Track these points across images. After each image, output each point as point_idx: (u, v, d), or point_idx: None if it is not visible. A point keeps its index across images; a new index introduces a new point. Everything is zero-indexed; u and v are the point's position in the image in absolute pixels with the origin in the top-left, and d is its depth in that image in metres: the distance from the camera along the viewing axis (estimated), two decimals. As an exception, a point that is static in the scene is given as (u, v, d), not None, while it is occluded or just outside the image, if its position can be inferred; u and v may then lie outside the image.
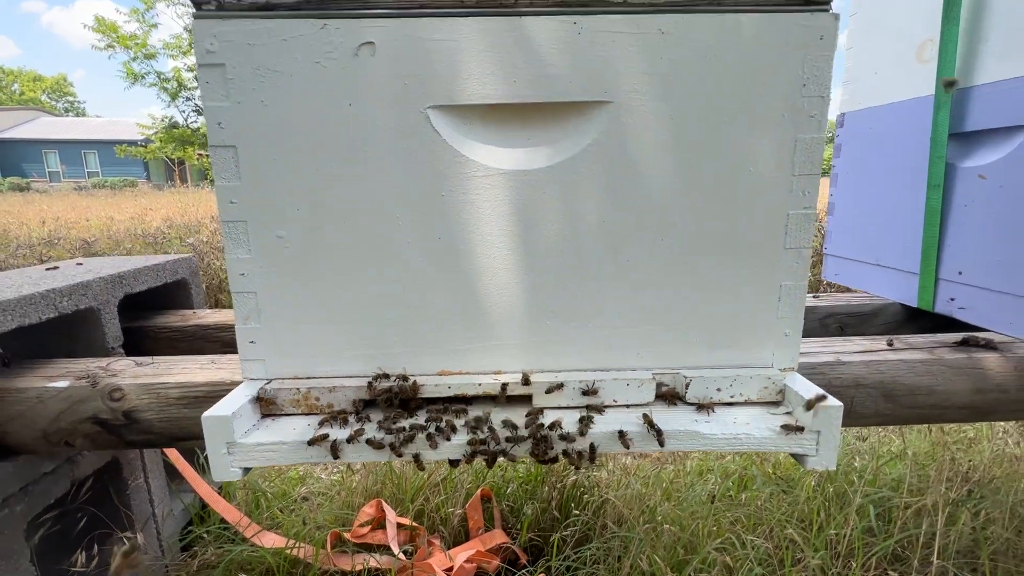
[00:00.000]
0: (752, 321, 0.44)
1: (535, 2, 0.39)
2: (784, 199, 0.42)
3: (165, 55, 10.01)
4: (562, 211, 0.42)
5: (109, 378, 0.64)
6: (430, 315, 0.44)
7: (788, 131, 0.41)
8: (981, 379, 0.64)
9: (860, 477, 0.96)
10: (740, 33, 0.39)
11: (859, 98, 1.00)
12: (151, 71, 9.81)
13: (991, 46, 0.73)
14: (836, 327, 0.91)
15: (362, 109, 0.40)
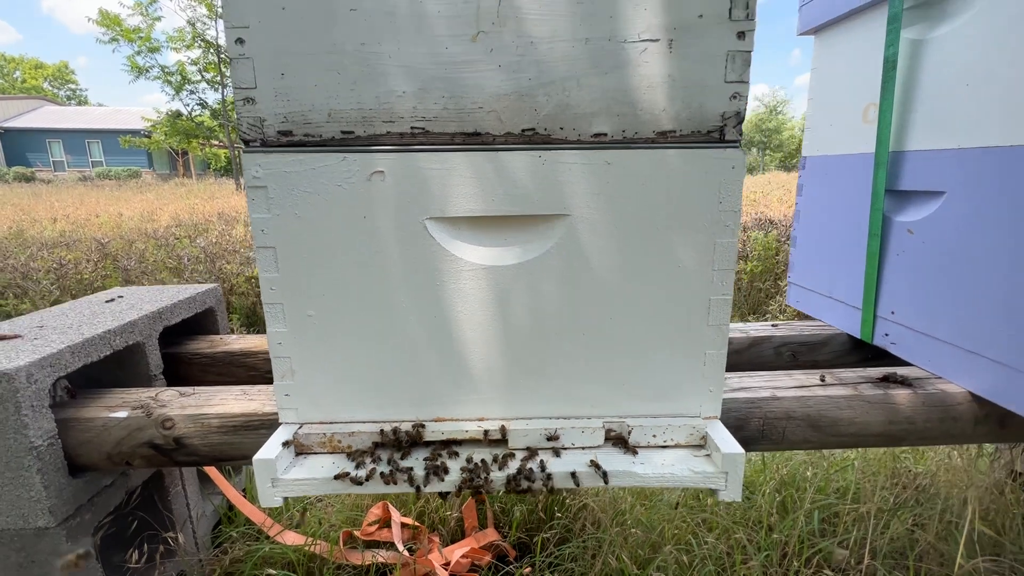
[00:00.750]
0: (682, 381, 0.56)
1: (509, 140, 0.50)
2: (707, 288, 0.53)
3: (168, 48, 10.05)
4: (531, 296, 0.53)
5: (160, 408, 0.76)
6: (428, 375, 0.55)
7: (709, 236, 0.52)
8: (893, 412, 0.76)
9: (811, 485, 1.08)
10: (669, 164, 0.49)
11: (817, 145, 1.10)
12: (155, 64, 9.87)
13: (919, 117, 0.84)
14: (789, 355, 1.02)
15: (374, 220, 0.51)
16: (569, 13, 0.46)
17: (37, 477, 0.68)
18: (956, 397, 0.76)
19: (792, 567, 0.92)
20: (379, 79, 0.48)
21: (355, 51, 0.47)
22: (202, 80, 10.72)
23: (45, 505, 0.69)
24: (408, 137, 0.50)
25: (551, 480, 0.52)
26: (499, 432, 0.55)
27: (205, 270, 2.94)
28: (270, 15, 0.46)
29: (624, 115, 0.49)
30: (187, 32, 9.92)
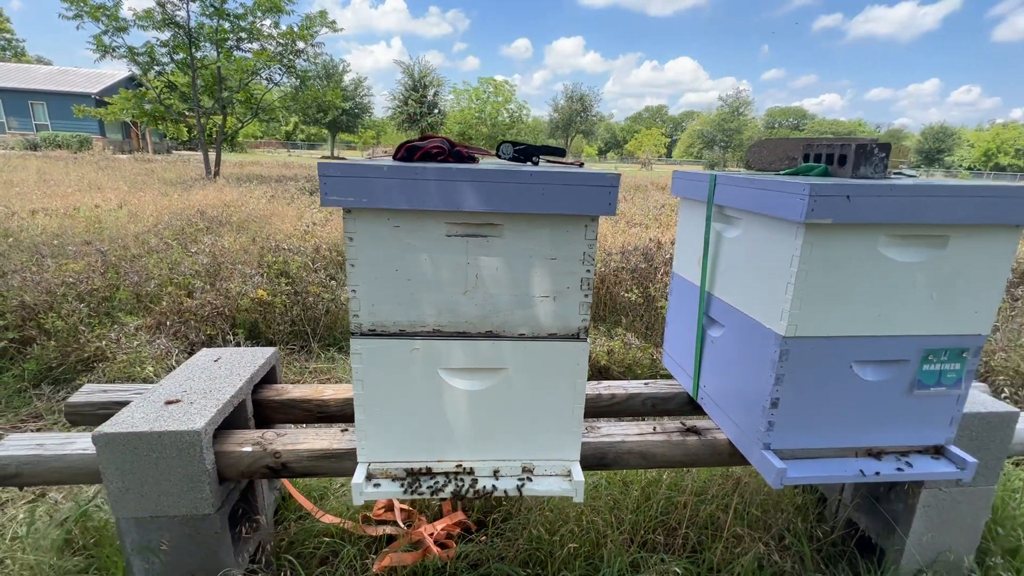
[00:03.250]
0: (562, 445, 1.13)
1: (479, 336, 1.05)
2: (570, 411, 1.10)
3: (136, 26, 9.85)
4: (486, 403, 1.09)
5: (268, 444, 1.29)
6: (435, 438, 1.11)
7: (571, 380, 1.08)
8: (687, 449, 1.37)
9: (663, 483, 1.70)
10: (554, 348, 1.06)
11: (679, 266, 1.69)
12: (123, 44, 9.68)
13: (717, 276, 1.43)
14: (651, 405, 1.63)
15: (413, 370, 1.06)
16: (508, 284, 1.02)
17: (207, 486, 1.20)
18: (722, 441, 1.39)
19: (641, 534, 1.54)
20: (419, 308, 1.03)
21: (408, 296, 1.02)
22: (172, 62, 10.55)
23: (209, 501, 1.21)
24: (432, 333, 1.04)
25: (495, 491, 1.09)
26: (470, 468, 1.11)
27: (208, 286, 3.33)
28: (370, 280, 0.99)
29: (533, 326, 1.05)
30: (156, 12, 9.74)
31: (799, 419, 1.19)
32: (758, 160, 1.64)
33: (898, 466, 1.21)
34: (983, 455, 1.37)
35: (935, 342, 1.17)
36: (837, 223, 1.04)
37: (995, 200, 1.07)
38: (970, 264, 1.11)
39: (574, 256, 1.02)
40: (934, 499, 1.40)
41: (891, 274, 1.11)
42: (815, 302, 1.11)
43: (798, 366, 1.15)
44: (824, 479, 1.20)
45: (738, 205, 1.28)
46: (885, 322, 1.14)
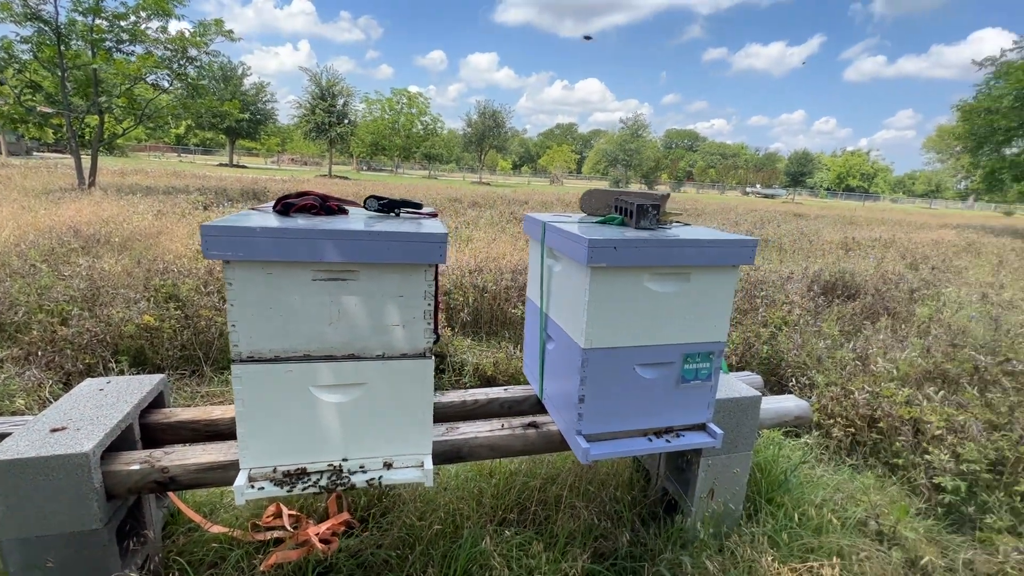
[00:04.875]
0: (416, 439, 1.42)
1: (344, 359, 1.31)
2: (424, 412, 1.40)
3: (-11, 19, 8.76)
4: (352, 413, 1.35)
5: (156, 462, 1.45)
6: (311, 443, 1.35)
7: (422, 391, 1.38)
8: (527, 440, 1.73)
9: (521, 471, 2.05)
10: (396, 368, 1.35)
11: (530, 291, 2.06)
12: (-28, 38, 8.55)
13: (551, 300, 1.81)
14: (508, 407, 1.97)
15: (292, 388, 1.30)
16: (365, 317, 1.30)
17: (94, 503, 1.34)
18: (555, 432, 1.76)
19: (499, 514, 1.87)
20: (291, 338, 1.27)
21: (281, 328, 1.26)
22: (35, 60, 9.49)
23: (97, 516, 1.35)
24: (303, 358, 1.29)
25: (360, 483, 1.36)
26: (339, 466, 1.37)
27: (86, 312, 3.21)
28: (248, 316, 1.22)
29: (388, 348, 1.34)
30: (15, 4, 8.76)
31: (601, 410, 1.58)
32: (588, 206, 2.06)
33: (671, 439, 1.65)
34: (740, 429, 1.87)
35: (691, 348, 1.62)
36: (611, 266, 1.44)
37: (719, 249, 1.53)
38: (707, 292, 1.58)
39: (418, 294, 1.33)
40: (711, 464, 1.87)
41: (654, 300, 1.53)
42: (604, 322, 1.51)
43: (596, 370, 1.54)
44: (620, 454, 1.60)
45: (557, 248, 1.67)
46: (655, 334, 1.57)
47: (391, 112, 44.99)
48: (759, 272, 5.36)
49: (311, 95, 33.01)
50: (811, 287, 4.73)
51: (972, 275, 6.75)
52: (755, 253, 1.56)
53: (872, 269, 5.93)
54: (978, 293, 5.16)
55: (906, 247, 8.98)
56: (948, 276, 6.35)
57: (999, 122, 14.83)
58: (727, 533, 1.80)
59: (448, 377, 3.27)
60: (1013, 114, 14.41)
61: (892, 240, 9.95)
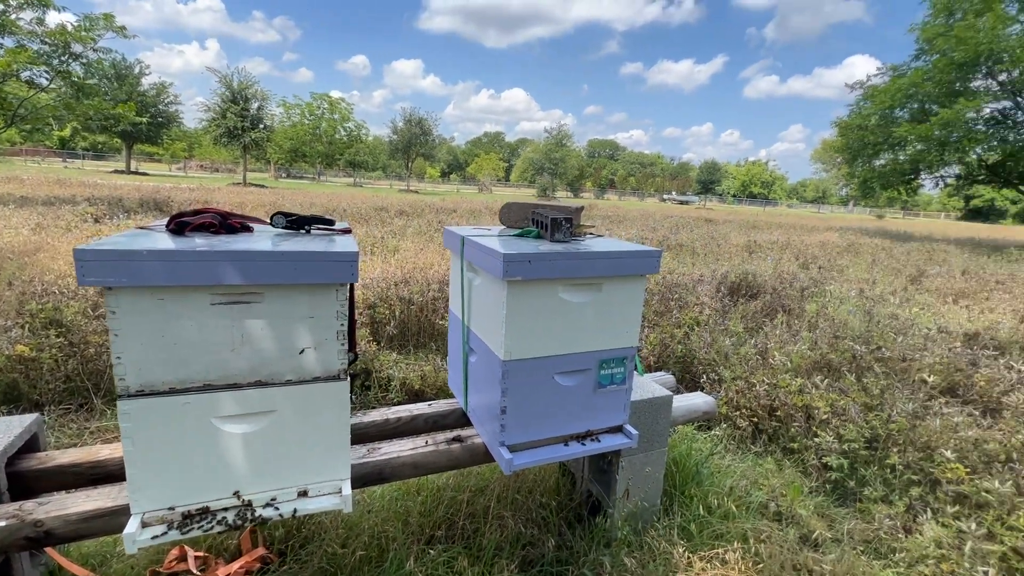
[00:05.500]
0: (332, 465, 1.37)
1: (250, 386, 1.24)
2: (341, 441, 1.35)
3: None
4: (258, 444, 1.28)
5: (28, 515, 1.28)
6: (213, 480, 1.25)
7: (339, 416, 1.34)
8: (451, 454, 1.72)
9: (448, 486, 2.03)
10: (308, 392, 1.30)
11: (452, 303, 2.07)
12: None
13: (472, 312, 1.83)
14: (432, 422, 1.95)
15: (190, 421, 1.20)
16: (272, 341, 1.24)
17: (-53, 570, 1.16)
18: (479, 445, 1.76)
19: (427, 532, 1.84)
20: (188, 367, 1.18)
21: (177, 358, 1.17)
22: None
23: (-49, 586, 1.17)
24: (203, 388, 1.20)
25: (272, 517, 1.28)
26: (248, 500, 1.29)
27: (-59, 345, 2.78)
28: (136, 347, 1.12)
29: (299, 372, 1.28)
30: None
31: (523, 420, 1.62)
32: (507, 219, 2.10)
33: (587, 443, 1.71)
34: (655, 427, 1.98)
35: (606, 355, 1.70)
36: (526, 279, 1.48)
37: (627, 260, 1.62)
38: (618, 301, 1.66)
39: (329, 315, 1.29)
40: (629, 464, 1.96)
41: (570, 310, 1.59)
42: (522, 333, 1.54)
43: (517, 381, 1.57)
44: (541, 461, 1.64)
45: (476, 262, 1.68)
46: (572, 343, 1.63)
47: (312, 117, 43.10)
48: (674, 275, 5.72)
49: (221, 98, 30.81)
50: (719, 288, 5.12)
51: (852, 272, 7.63)
52: (659, 263, 1.67)
53: (771, 270, 6.52)
54: (856, 289, 5.84)
55: (799, 249, 9.97)
56: (833, 274, 7.13)
57: (869, 138, 16.96)
58: (646, 528, 1.90)
59: (374, 393, 3.18)
60: (879, 131, 16.54)
61: (787, 243, 11.01)
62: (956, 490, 2.14)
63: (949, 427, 2.45)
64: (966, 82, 15.26)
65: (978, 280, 7.16)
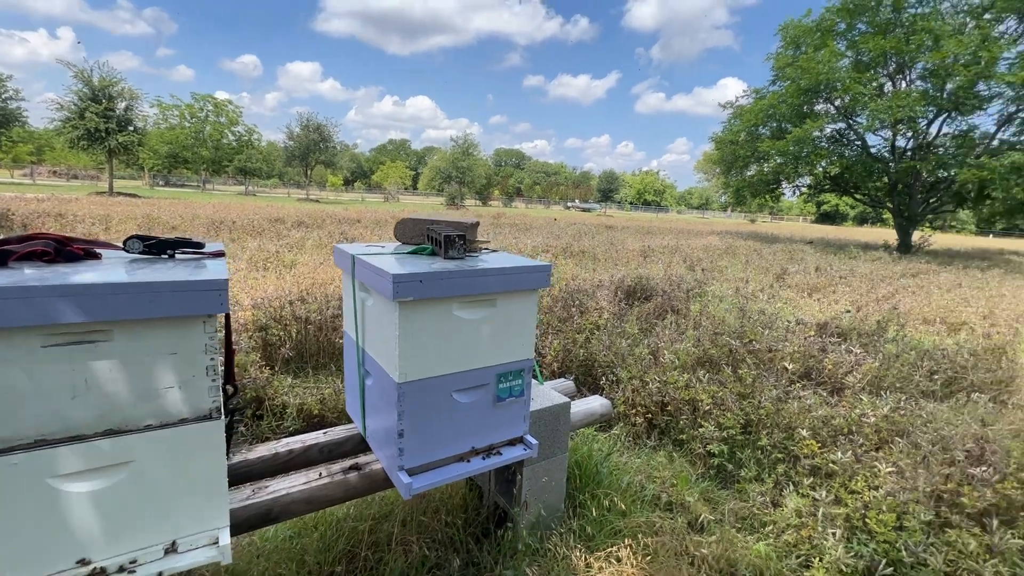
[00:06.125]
0: (207, 513, 1.25)
1: (96, 437, 1.09)
2: (213, 492, 1.24)
3: None
4: (116, 498, 1.13)
5: None
6: (53, 545, 1.08)
7: (208, 458, 1.23)
8: (348, 484, 1.64)
9: (349, 516, 1.94)
10: (173, 436, 1.18)
11: (346, 324, 1.99)
12: None
13: (366, 334, 1.77)
14: (328, 451, 1.85)
15: (15, 485, 1.02)
16: (125, 383, 1.10)
17: None
18: (378, 471, 1.70)
19: (326, 569, 1.73)
20: (15, 421, 1.01)
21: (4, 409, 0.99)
22: None
23: None
24: (35, 444, 1.03)
25: (134, 581, 1.13)
26: (100, 567, 1.13)
27: None
28: None
29: (161, 415, 1.16)
30: None
31: (422, 441, 1.59)
32: (402, 235, 2.06)
33: (487, 457, 1.73)
34: (555, 434, 2.05)
35: (503, 368, 1.73)
36: (418, 299, 1.47)
37: (519, 275, 1.67)
38: (513, 315, 1.70)
39: (195, 350, 1.17)
40: (532, 473, 2.01)
41: (465, 327, 1.60)
42: (418, 353, 1.52)
43: (413, 402, 1.54)
44: (441, 482, 1.62)
45: (367, 281, 1.63)
46: (469, 360, 1.64)
47: (194, 120, 39.23)
48: (577, 282, 5.98)
49: (78, 95, 26.93)
50: (617, 292, 5.45)
51: (730, 272, 8.52)
52: (550, 277, 1.74)
53: (662, 273, 7.07)
54: (733, 288, 6.52)
55: (686, 252, 10.93)
56: (714, 275, 7.91)
57: (739, 152, 19.14)
58: (551, 534, 1.96)
59: (268, 423, 2.95)
60: (747, 146, 18.74)
61: (677, 247, 12.02)
62: (811, 463, 2.47)
63: (804, 408, 2.82)
64: (811, 105, 17.81)
65: (827, 276, 8.35)
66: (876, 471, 2.27)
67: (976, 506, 2.08)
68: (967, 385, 3.56)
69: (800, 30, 18.39)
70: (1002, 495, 2.12)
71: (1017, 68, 13.97)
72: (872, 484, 2.23)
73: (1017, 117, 15.28)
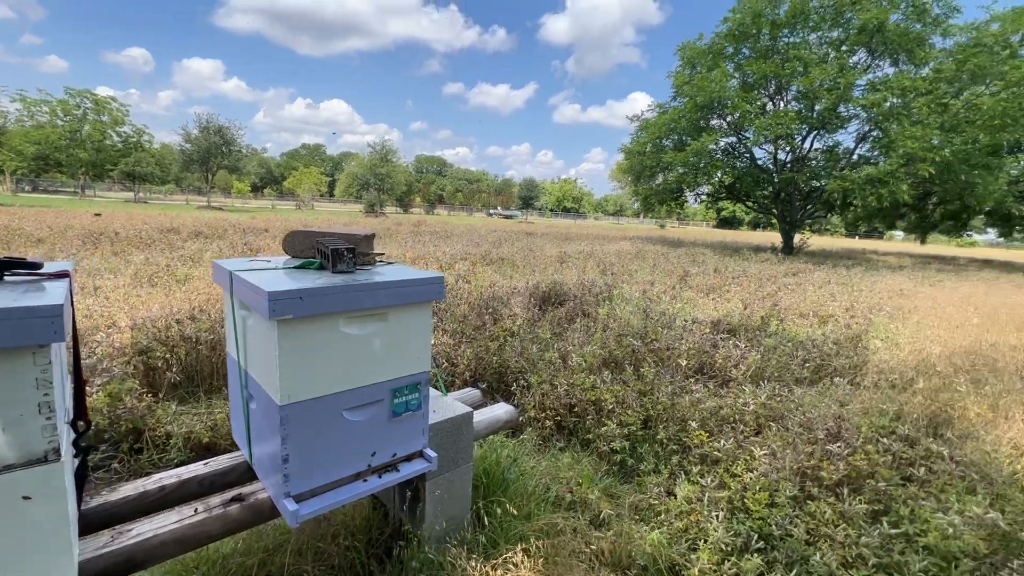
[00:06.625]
0: (54, 570, 1.11)
1: None
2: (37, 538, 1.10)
3: None
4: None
5: None
6: None
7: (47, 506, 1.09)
8: (228, 518, 1.53)
9: (237, 552, 1.80)
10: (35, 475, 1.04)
11: (229, 345, 1.86)
12: None
13: (248, 355, 1.67)
14: (209, 484, 1.71)
15: None
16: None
17: None
18: (264, 500, 1.60)
19: None
20: None
21: None
22: None
23: None
24: None
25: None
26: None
27: None
28: None
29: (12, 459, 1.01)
30: None
31: (310, 465, 1.52)
32: (291, 249, 1.97)
33: (388, 475, 1.69)
34: (458, 445, 2.05)
35: (398, 383, 1.70)
36: (299, 317, 1.41)
37: (411, 288, 1.65)
38: (406, 328, 1.68)
39: (23, 386, 1.04)
40: (435, 486, 1.99)
41: (354, 343, 1.56)
42: (302, 373, 1.45)
43: (299, 425, 1.47)
44: (332, 506, 1.56)
45: (246, 300, 1.54)
46: (360, 376, 1.60)
47: (68, 118, 34.78)
48: (493, 288, 6.05)
49: (-91, 85, 22.74)
50: (531, 298, 5.57)
51: (640, 276, 9.03)
52: (443, 289, 1.75)
53: (576, 278, 7.34)
54: (640, 290, 6.92)
55: (600, 257, 11.44)
56: (625, 278, 8.35)
57: (646, 162, 20.44)
58: (454, 546, 1.95)
59: (148, 456, 2.67)
60: (653, 157, 20.07)
61: (592, 252, 12.55)
62: (700, 452, 2.67)
63: (695, 401, 3.06)
64: (707, 120, 19.45)
65: (723, 276, 9.13)
66: (753, 455, 2.50)
67: (832, 478, 2.36)
68: (831, 371, 4.05)
69: (695, 52, 20.06)
70: (852, 466, 2.43)
71: (868, 93, 16.22)
72: (750, 467, 2.46)
73: (870, 136, 17.73)
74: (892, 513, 2.20)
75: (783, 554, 1.99)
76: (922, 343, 4.79)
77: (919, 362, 4.12)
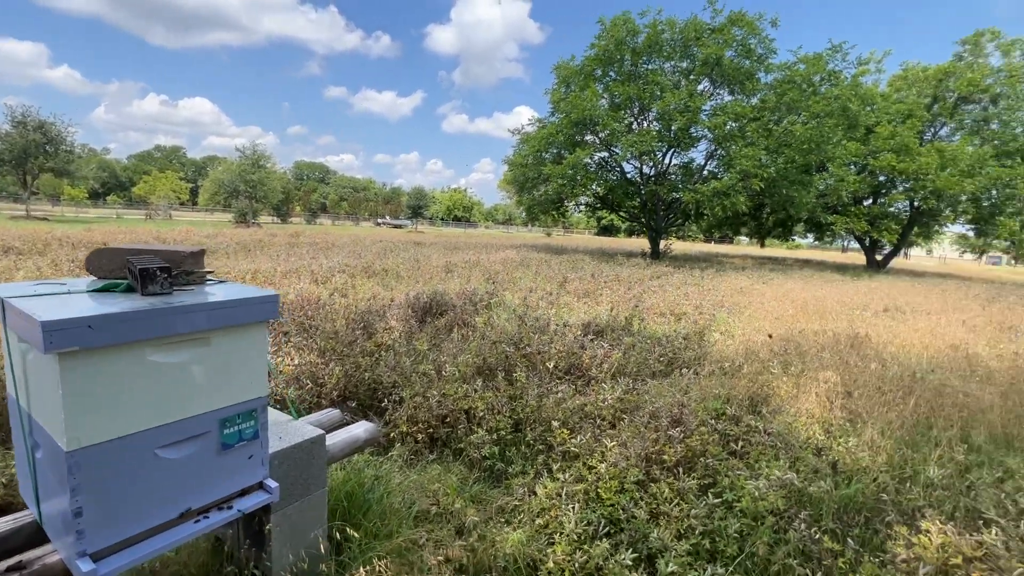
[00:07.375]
0: None
1: None
2: None
3: None
4: None
5: None
6: None
7: None
8: (2, 594, 1.29)
9: None
10: None
11: (10, 387, 1.57)
12: None
13: (32, 396, 1.42)
14: (-20, 555, 1.42)
15: None
16: None
17: None
18: (54, 565, 1.37)
19: None
20: None
21: None
22: None
23: None
24: None
25: None
26: None
27: None
28: None
29: None
30: None
31: (113, 516, 1.33)
32: (97, 268, 1.72)
33: (218, 513, 1.55)
34: (309, 471, 1.94)
35: (228, 411, 1.57)
36: (88, 348, 1.23)
37: (238, 309, 1.54)
38: (236, 351, 1.56)
39: None
40: (284, 518, 1.86)
41: (166, 373, 1.41)
42: (97, 411, 1.27)
43: (95, 472, 1.29)
44: (151, 555, 1.39)
45: (22, 332, 1.31)
46: (178, 409, 1.44)
47: None
48: (370, 302, 5.85)
49: None
50: (411, 310, 5.49)
51: (522, 283, 9.36)
52: (277, 308, 1.65)
53: (459, 287, 7.39)
54: (521, 297, 7.17)
55: (486, 266, 11.65)
56: (508, 286, 8.59)
57: (528, 173, 21.31)
58: (309, 578, 1.84)
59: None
60: (534, 168, 20.99)
61: (478, 261, 12.73)
62: (563, 449, 2.83)
63: (559, 401, 3.24)
64: (582, 136, 20.84)
65: (597, 281, 9.81)
66: (607, 446, 2.72)
67: (672, 460, 2.65)
68: (680, 363, 4.55)
69: (569, 71, 21.42)
70: (688, 448, 2.74)
71: (711, 117, 18.65)
72: (604, 458, 2.66)
73: (716, 154, 20.36)
74: (717, 485, 2.52)
75: (627, 535, 2.18)
76: (750, 333, 5.59)
77: (747, 350, 4.80)
